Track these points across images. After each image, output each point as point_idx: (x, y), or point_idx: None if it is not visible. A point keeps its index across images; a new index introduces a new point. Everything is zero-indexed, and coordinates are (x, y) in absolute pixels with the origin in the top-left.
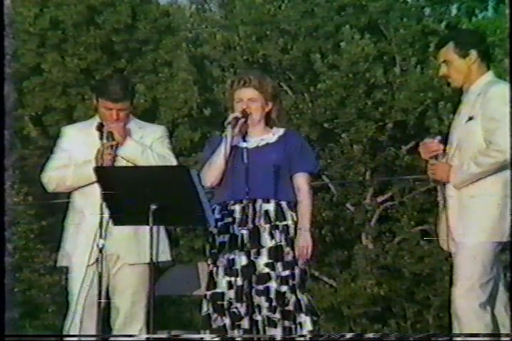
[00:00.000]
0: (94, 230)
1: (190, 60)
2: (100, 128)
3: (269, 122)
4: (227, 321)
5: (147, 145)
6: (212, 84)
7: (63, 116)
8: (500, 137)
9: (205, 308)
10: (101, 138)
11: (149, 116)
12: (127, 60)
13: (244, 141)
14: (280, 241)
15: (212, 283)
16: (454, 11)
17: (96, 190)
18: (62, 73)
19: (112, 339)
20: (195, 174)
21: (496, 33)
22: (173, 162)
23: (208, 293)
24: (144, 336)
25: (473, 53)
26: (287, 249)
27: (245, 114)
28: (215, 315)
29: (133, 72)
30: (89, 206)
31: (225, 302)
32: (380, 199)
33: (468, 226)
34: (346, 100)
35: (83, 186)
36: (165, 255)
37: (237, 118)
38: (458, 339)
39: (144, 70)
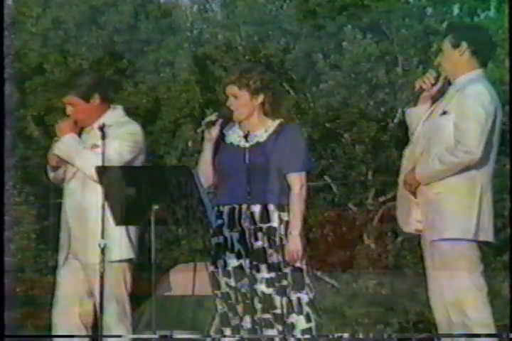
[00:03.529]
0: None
1: (192, 60)
2: (101, 127)
3: (265, 114)
4: (237, 320)
5: (87, 147)
6: (214, 84)
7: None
8: (470, 138)
9: (219, 306)
10: (102, 138)
11: (151, 116)
12: (129, 60)
13: (247, 141)
14: (263, 243)
15: (216, 283)
16: (455, 10)
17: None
18: (65, 73)
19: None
20: (197, 174)
21: (498, 33)
22: (118, 164)
23: (218, 292)
24: (145, 336)
25: (464, 44)
26: (270, 251)
27: (225, 114)
28: (230, 314)
29: (135, 72)
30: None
31: (233, 302)
32: (382, 199)
33: (432, 222)
34: (348, 100)
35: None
36: (127, 253)
37: (210, 122)
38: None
39: (146, 70)
